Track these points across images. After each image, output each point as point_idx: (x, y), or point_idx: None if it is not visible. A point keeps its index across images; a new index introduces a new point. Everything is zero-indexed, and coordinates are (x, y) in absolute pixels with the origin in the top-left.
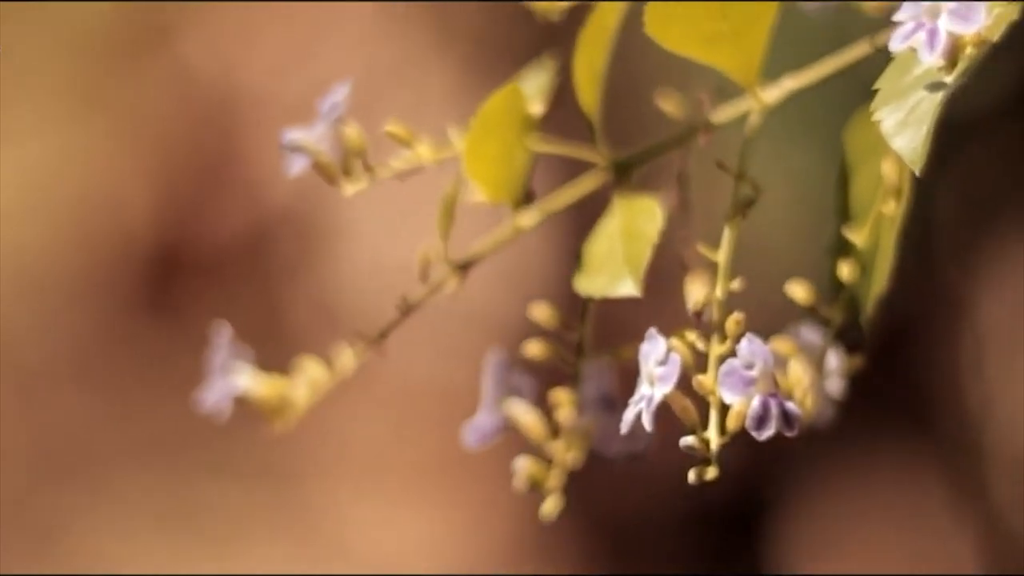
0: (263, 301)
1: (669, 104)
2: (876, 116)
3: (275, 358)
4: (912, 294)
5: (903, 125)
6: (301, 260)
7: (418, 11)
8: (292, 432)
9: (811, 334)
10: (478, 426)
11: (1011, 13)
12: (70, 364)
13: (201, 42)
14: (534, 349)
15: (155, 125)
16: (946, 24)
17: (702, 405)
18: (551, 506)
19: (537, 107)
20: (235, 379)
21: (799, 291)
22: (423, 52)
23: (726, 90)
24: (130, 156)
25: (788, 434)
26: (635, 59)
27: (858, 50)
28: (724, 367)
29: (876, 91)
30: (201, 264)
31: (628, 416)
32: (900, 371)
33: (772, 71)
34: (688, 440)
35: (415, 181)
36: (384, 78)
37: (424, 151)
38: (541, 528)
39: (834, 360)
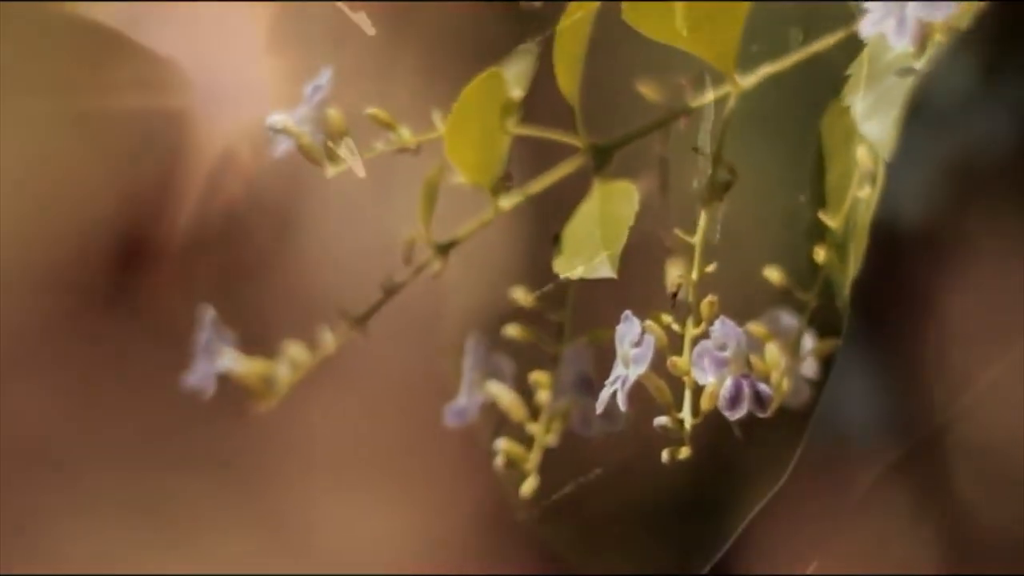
0: (231, 293)
1: (648, 89)
2: (847, 102)
3: (247, 349)
4: (876, 287)
5: (873, 110)
6: (271, 252)
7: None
8: (260, 424)
9: (787, 317)
10: (458, 407)
11: (978, 2)
12: (33, 358)
13: (169, 35)
14: (513, 331)
15: (119, 116)
16: (915, 11)
17: (677, 386)
18: (530, 486)
19: (518, 91)
20: (219, 359)
21: (774, 274)
22: (386, 44)
23: (706, 75)
24: (93, 147)
25: (760, 415)
26: (616, 44)
27: (831, 37)
28: (698, 348)
29: (848, 77)
30: (166, 257)
31: (603, 396)
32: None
33: (748, 59)
34: (662, 420)
35: (381, 166)
36: (350, 71)
37: (406, 134)
38: (510, 519)
39: (809, 343)
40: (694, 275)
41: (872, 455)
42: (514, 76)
